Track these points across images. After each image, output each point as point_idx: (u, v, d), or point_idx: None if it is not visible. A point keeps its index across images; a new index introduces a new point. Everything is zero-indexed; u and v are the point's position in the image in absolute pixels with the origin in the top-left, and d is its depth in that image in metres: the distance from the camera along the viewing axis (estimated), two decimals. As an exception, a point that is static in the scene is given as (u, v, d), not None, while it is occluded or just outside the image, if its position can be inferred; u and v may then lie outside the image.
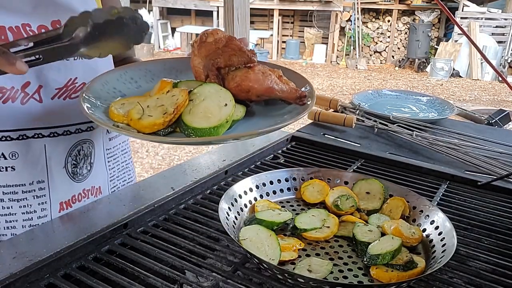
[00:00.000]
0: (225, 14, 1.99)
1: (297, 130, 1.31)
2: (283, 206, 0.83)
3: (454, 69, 9.76)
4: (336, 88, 8.64)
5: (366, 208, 0.81)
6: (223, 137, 0.63)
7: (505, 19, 9.96)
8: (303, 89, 0.71)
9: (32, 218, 0.78)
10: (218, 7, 11.17)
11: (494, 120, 1.90)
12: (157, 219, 0.77)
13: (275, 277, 0.62)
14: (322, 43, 11.47)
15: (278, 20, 11.62)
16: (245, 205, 0.80)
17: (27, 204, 0.77)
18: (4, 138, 0.72)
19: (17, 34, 0.69)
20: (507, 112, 2.05)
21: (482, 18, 9.96)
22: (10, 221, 0.76)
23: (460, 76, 9.85)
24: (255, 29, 11.35)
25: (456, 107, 1.66)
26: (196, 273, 0.63)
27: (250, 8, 2.10)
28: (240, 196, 0.79)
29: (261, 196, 0.83)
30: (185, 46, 12.01)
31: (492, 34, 9.95)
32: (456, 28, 10.05)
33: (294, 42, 11.71)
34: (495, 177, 0.98)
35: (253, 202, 0.81)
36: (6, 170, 0.73)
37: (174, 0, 11.88)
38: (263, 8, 11.49)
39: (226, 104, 0.64)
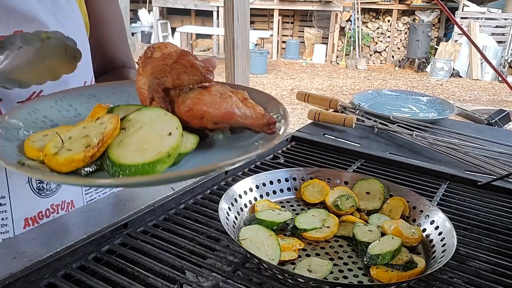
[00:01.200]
0: (225, 14, 1.99)
1: (297, 130, 1.31)
2: (283, 206, 0.83)
3: (454, 69, 9.76)
4: (336, 88, 8.64)
5: (366, 208, 0.81)
6: (163, 176, 0.47)
7: (505, 19, 9.96)
8: (272, 114, 0.57)
9: None
10: (218, 7, 11.18)
11: (494, 120, 1.90)
12: (157, 219, 0.77)
13: (275, 277, 0.62)
14: (322, 43, 11.48)
15: (278, 20, 11.62)
16: (245, 205, 0.80)
17: None
18: None
19: None
20: (507, 112, 2.05)
21: (482, 18, 9.96)
22: None
23: (460, 76, 9.85)
24: (255, 29, 11.35)
25: (456, 107, 1.66)
26: (196, 273, 0.63)
27: (250, 8, 2.11)
28: (240, 196, 0.79)
29: (261, 196, 0.83)
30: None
31: (492, 34, 9.95)
32: (456, 28, 10.05)
33: (294, 42, 11.71)
34: (495, 177, 0.98)
35: (253, 202, 0.81)
36: None
37: (174, 0, 11.89)
38: (263, 8, 11.49)
39: (170, 133, 0.49)
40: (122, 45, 0.97)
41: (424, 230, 0.74)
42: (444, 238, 0.69)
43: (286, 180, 0.88)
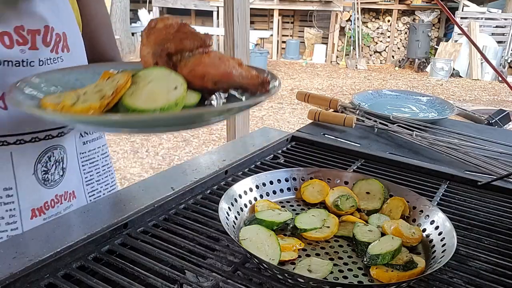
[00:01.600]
0: (225, 14, 1.99)
1: (297, 130, 1.31)
2: (283, 206, 0.83)
3: (454, 69, 9.76)
4: (336, 88, 8.64)
5: (366, 208, 0.81)
6: (178, 114, 0.53)
7: (505, 19, 9.96)
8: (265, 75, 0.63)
9: (0, 224, 0.77)
10: (218, 7, 11.17)
11: (494, 120, 1.90)
12: (157, 219, 0.77)
13: (275, 277, 0.62)
14: (322, 43, 11.48)
15: (278, 20, 11.62)
16: (245, 205, 0.80)
17: None
18: None
19: None
20: (507, 112, 2.05)
21: (482, 18, 9.96)
22: None
23: (460, 76, 9.85)
24: (255, 29, 11.35)
25: (456, 107, 1.66)
26: (196, 273, 0.63)
27: (250, 8, 2.10)
28: (240, 196, 0.79)
29: (261, 196, 0.83)
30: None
31: (492, 34, 9.95)
32: (456, 28, 10.05)
33: (294, 42, 11.71)
34: (495, 177, 0.98)
35: (253, 202, 0.81)
36: None
37: (174, 0, 11.89)
38: (263, 8, 11.49)
39: (176, 87, 0.54)
40: (110, 42, 0.99)
41: (424, 230, 0.74)
42: (444, 238, 0.69)
43: (286, 180, 0.88)
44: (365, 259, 0.66)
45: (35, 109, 0.54)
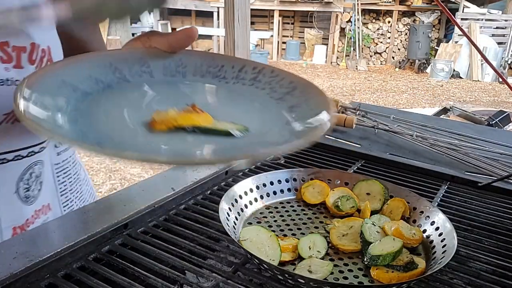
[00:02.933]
0: (225, 15, 1.99)
1: (298, 131, 1.31)
2: (283, 207, 0.83)
3: (454, 70, 9.77)
4: (336, 89, 8.65)
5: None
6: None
7: (506, 20, 9.97)
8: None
9: None
10: (218, 7, 11.19)
11: (495, 121, 1.91)
12: (157, 219, 0.77)
13: (275, 278, 0.62)
14: (323, 44, 11.49)
15: (279, 21, 11.63)
16: (246, 206, 0.80)
17: None
18: None
19: None
20: (507, 113, 2.06)
21: (482, 19, 9.97)
22: None
23: (461, 77, 9.86)
24: (256, 30, 11.36)
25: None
26: (196, 274, 0.63)
27: (251, 9, 2.11)
28: (240, 197, 0.79)
29: (261, 197, 0.83)
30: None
31: (493, 35, 9.96)
32: (456, 29, 10.06)
33: (294, 43, 11.72)
34: (495, 178, 0.98)
35: (253, 202, 0.81)
36: None
37: (174, 1, 11.90)
38: (264, 9, 11.50)
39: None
40: (96, 36, 0.94)
41: (424, 231, 0.74)
42: (444, 239, 0.69)
43: (287, 180, 0.88)
44: (365, 259, 0.66)
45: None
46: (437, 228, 0.73)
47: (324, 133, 0.50)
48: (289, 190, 0.87)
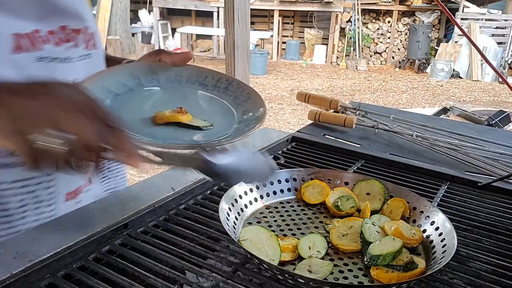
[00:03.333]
0: (225, 15, 1.99)
1: (297, 131, 1.31)
2: (283, 207, 0.83)
3: (454, 70, 9.76)
4: (336, 89, 8.64)
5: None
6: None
7: (505, 20, 9.96)
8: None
9: (40, 207, 0.81)
10: (218, 7, 11.18)
11: (494, 121, 1.91)
12: (157, 219, 0.77)
13: (275, 278, 0.62)
14: (322, 44, 11.48)
15: (279, 21, 11.62)
16: (246, 206, 0.80)
17: (38, 195, 0.80)
18: None
19: (30, 40, 0.71)
20: (507, 113, 2.06)
21: (482, 19, 9.96)
22: (24, 212, 0.79)
23: (460, 77, 9.85)
24: (256, 29, 11.35)
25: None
26: (196, 274, 0.63)
27: (251, 9, 2.10)
28: (240, 197, 0.79)
29: (261, 197, 0.83)
30: (185, 47, 12.00)
31: (492, 35, 9.95)
32: (456, 29, 10.05)
33: (294, 42, 11.71)
34: (495, 178, 0.98)
35: (253, 202, 0.81)
36: (19, 165, 0.76)
37: (174, 1, 11.89)
38: (264, 9, 11.49)
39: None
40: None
41: (424, 231, 0.74)
42: (444, 239, 0.69)
43: (287, 180, 0.88)
44: (365, 259, 0.66)
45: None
46: (437, 228, 0.73)
47: (258, 124, 0.75)
48: (289, 190, 0.87)
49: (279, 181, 0.87)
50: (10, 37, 0.68)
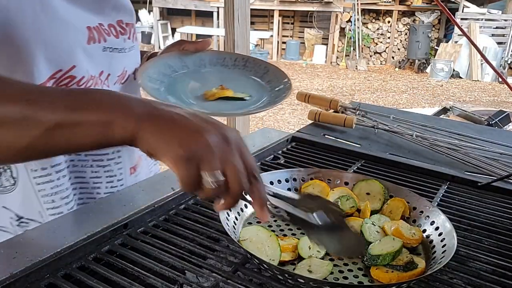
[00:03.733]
0: (225, 15, 1.99)
1: (297, 131, 1.31)
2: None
3: (454, 70, 9.76)
4: (336, 88, 8.64)
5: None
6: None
7: (505, 20, 9.96)
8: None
9: (113, 181, 0.89)
10: (218, 7, 11.18)
11: (494, 121, 1.91)
12: (157, 219, 0.77)
13: (275, 278, 0.62)
14: (322, 44, 11.48)
15: (278, 20, 11.63)
16: (246, 206, 0.79)
17: (110, 170, 0.88)
18: None
19: (97, 32, 0.80)
20: (507, 113, 2.06)
21: (482, 19, 9.97)
22: (96, 183, 0.88)
23: (460, 77, 9.85)
24: (255, 29, 11.35)
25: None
26: (196, 274, 0.63)
27: (251, 9, 2.10)
28: (240, 197, 0.79)
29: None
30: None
31: (492, 35, 9.95)
32: (456, 29, 10.06)
33: (294, 42, 11.72)
34: (495, 178, 0.98)
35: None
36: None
37: (174, 1, 11.89)
38: (264, 9, 11.49)
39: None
40: None
41: (424, 230, 0.74)
42: (444, 238, 0.69)
43: (287, 180, 0.87)
44: (365, 259, 0.66)
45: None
46: (437, 228, 0.73)
47: (289, 92, 0.90)
48: (289, 189, 0.87)
49: (279, 181, 0.87)
50: (85, 30, 0.78)
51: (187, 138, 0.51)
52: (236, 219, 0.75)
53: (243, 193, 0.54)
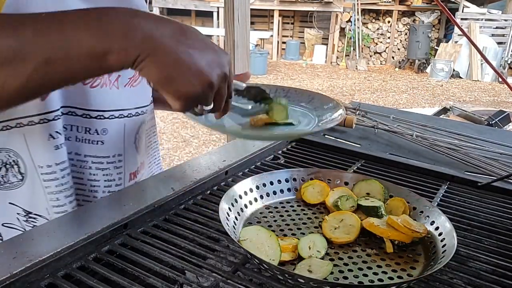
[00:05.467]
0: (225, 15, 1.99)
1: (297, 131, 1.31)
2: (283, 207, 0.83)
3: (454, 70, 9.77)
4: (336, 89, 8.65)
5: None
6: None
7: (505, 20, 9.97)
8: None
9: (111, 185, 0.88)
10: (218, 7, 11.18)
11: (494, 121, 1.91)
12: (157, 219, 0.77)
13: (275, 278, 0.62)
14: (322, 43, 11.49)
15: (278, 20, 11.63)
16: (246, 206, 0.80)
17: (109, 173, 0.87)
18: (102, 117, 0.83)
19: None
20: (507, 113, 2.06)
21: (482, 19, 9.97)
22: (94, 186, 0.86)
23: (460, 77, 9.86)
24: (255, 29, 11.35)
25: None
26: (196, 274, 0.63)
27: (251, 9, 2.11)
28: (240, 197, 0.79)
29: (261, 197, 0.83)
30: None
31: (492, 35, 9.96)
32: (456, 29, 10.06)
33: (294, 42, 11.72)
34: (495, 178, 0.98)
35: (253, 202, 0.81)
36: (97, 143, 0.83)
37: (174, 1, 11.90)
38: (263, 8, 11.50)
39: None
40: None
41: (424, 230, 0.74)
42: (444, 238, 0.69)
43: (286, 180, 0.88)
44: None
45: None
46: (437, 228, 0.73)
47: (341, 119, 0.83)
48: (289, 190, 0.87)
49: (279, 181, 0.87)
50: None
51: (191, 78, 0.55)
52: (236, 219, 0.75)
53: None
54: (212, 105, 0.63)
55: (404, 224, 0.70)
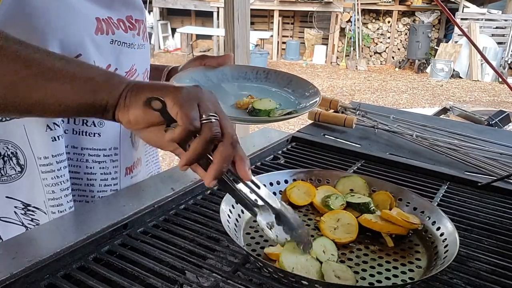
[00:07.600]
0: (225, 15, 1.99)
1: (297, 131, 1.31)
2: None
3: (454, 70, 9.76)
4: (336, 89, 8.65)
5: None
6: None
7: (505, 20, 9.96)
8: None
9: (107, 178, 0.88)
10: (218, 7, 11.18)
11: (494, 121, 1.91)
12: (157, 219, 0.77)
13: (275, 278, 0.62)
14: (322, 44, 11.48)
15: (278, 21, 11.63)
16: (242, 211, 0.79)
17: (105, 167, 0.87)
18: None
19: (106, 24, 0.81)
20: (507, 113, 2.06)
21: (482, 19, 9.97)
22: (90, 180, 0.86)
23: (460, 77, 9.85)
24: (255, 30, 11.35)
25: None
26: (196, 274, 0.63)
27: (251, 9, 2.11)
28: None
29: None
30: (185, 47, 12.01)
31: (492, 35, 9.95)
32: (456, 29, 10.06)
33: (294, 43, 11.72)
34: (495, 178, 0.98)
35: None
36: (94, 135, 0.84)
37: (174, 1, 11.89)
38: (263, 9, 11.50)
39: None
40: None
41: (425, 231, 0.74)
42: (446, 239, 0.69)
43: (271, 184, 0.85)
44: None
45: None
46: (438, 228, 0.73)
47: (317, 97, 0.94)
48: (274, 193, 0.83)
49: (264, 185, 0.84)
50: (94, 20, 0.79)
51: (184, 90, 0.60)
52: (237, 220, 0.75)
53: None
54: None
55: (401, 217, 0.71)
